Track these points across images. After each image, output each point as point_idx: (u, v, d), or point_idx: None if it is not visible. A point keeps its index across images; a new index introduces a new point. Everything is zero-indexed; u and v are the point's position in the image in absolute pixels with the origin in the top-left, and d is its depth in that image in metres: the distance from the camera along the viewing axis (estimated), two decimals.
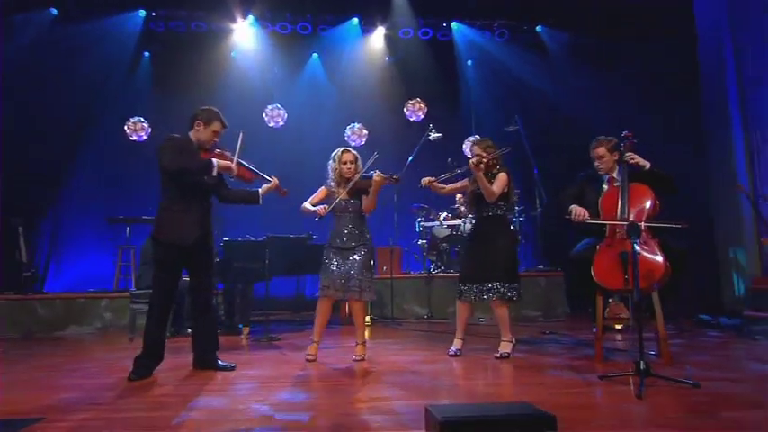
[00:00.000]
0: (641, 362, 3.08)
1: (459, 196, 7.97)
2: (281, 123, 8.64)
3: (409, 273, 7.69)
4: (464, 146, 8.55)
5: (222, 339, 4.11)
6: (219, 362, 3.84)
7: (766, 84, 6.18)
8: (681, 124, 7.09)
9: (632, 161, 3.96)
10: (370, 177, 4.08)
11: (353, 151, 4.24)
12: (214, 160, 3.65)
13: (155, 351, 3.69)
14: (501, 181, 4.15)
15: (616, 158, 4.12)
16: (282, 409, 2.76)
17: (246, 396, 3.06)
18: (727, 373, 3.47)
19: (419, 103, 8.66)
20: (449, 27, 8.66)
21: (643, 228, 3.71)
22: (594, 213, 3.98)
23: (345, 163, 4.16)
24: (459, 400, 2.95)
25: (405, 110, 8.74)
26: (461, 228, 7.43)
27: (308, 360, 4.08)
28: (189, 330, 5.59)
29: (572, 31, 8.13)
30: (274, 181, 4.03)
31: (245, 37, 8.92)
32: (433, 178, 4.35)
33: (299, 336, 5.52)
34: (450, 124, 8.21)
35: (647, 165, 3.96)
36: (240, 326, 5.59)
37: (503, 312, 4.10)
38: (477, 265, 4.15)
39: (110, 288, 7.39)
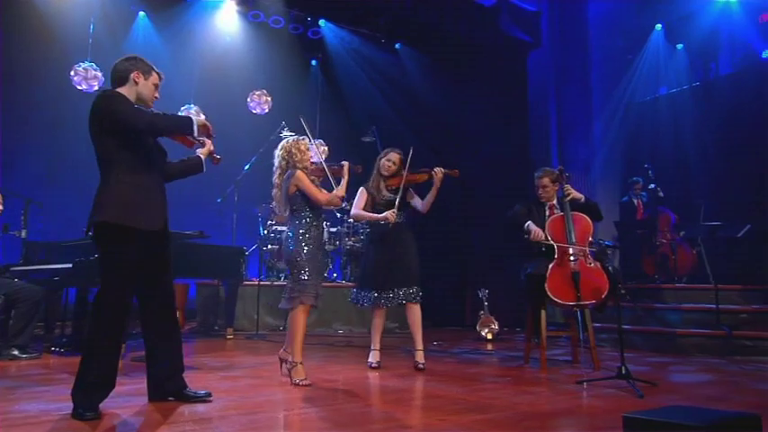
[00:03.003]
0: (623, 367, 3.57)
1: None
2: (96, 87, 6.88)
3: (254, 280, 6.95)
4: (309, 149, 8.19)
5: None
6: (189, 390, 2.92)
7: (577, 128, 7.70)
8: (512, 153, 8.08)
9: (569, 197, 4.45)
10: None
11: None
12: (193, 116, 2.93)
13: (109, 380, 2.64)
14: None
15: (557, 189, 4.63)
16: None
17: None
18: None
19: (265, 95, 7.99)
20: (314, 23, 8.21)
21: (588, 251, 4.31)
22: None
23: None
24: (477, 414, 2.80)
25: (248, 100, 7.96)
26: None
27: (299, 385, 3.38)
28: (15, 353, 4.19)
29: (427, 54, 8.57)
30: (209, 144, 3.09)
31: None
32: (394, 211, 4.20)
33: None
34: (293, 123, 7.80)
35: (582, 198, 4.56)
36: None
37: (419, 316, 4.19)
38: (396, 270, 4.18)
39: None
